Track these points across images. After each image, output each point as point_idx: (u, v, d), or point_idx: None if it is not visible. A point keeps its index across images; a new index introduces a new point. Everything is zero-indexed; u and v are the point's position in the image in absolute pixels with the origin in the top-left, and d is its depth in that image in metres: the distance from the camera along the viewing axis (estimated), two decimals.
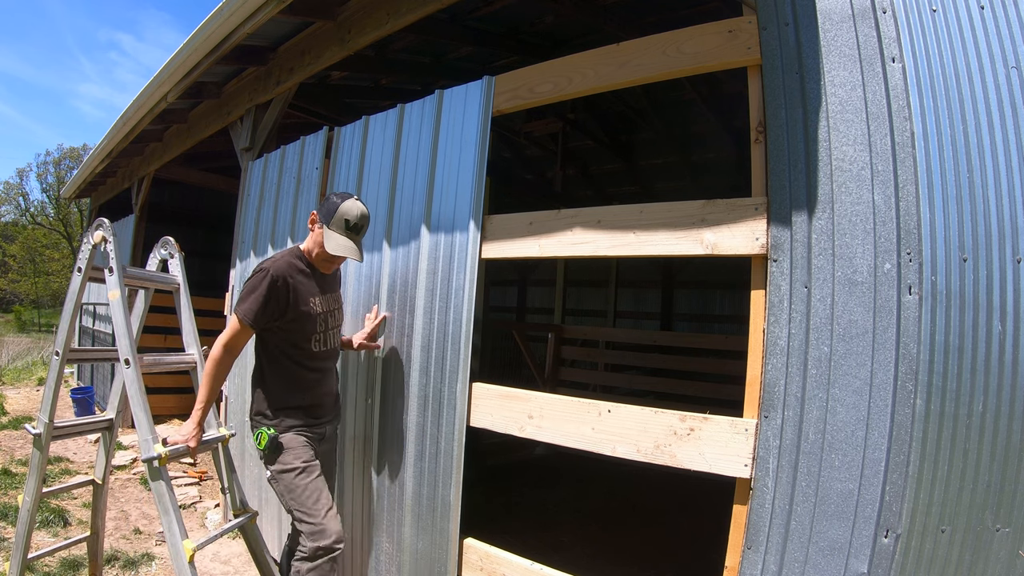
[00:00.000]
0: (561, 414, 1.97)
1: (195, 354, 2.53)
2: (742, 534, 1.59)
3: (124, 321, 2.14)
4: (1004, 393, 1.40)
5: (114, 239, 2.23)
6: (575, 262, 7.60)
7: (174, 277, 2.62)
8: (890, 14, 1.53)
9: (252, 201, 3.64)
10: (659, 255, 1.87)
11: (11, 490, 4.11)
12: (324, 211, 2.16)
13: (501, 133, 6.58)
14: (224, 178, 7.07)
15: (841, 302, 1.50)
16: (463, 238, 2.28)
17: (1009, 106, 1.49)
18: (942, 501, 1.40)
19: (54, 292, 31.42)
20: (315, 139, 3.13)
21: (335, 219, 2.13)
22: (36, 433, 2.27)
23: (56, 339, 2.28)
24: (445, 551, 2.22)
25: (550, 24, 4.17)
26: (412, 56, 4.61)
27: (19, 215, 37.29)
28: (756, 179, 1.69)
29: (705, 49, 1.81)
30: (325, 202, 2.20)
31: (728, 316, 7.32)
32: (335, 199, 2.17)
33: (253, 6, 2.91)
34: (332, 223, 2.13)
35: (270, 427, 2.13)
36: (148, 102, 4.37)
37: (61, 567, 2.97)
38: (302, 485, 2.09)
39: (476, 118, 2.31)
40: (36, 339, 19.28)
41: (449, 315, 2.29)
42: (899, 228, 1.45)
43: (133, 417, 2.05)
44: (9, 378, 9.86)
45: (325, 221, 2.14)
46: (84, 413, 6.09)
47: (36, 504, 2.32)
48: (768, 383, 1.58)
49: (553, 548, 3.57)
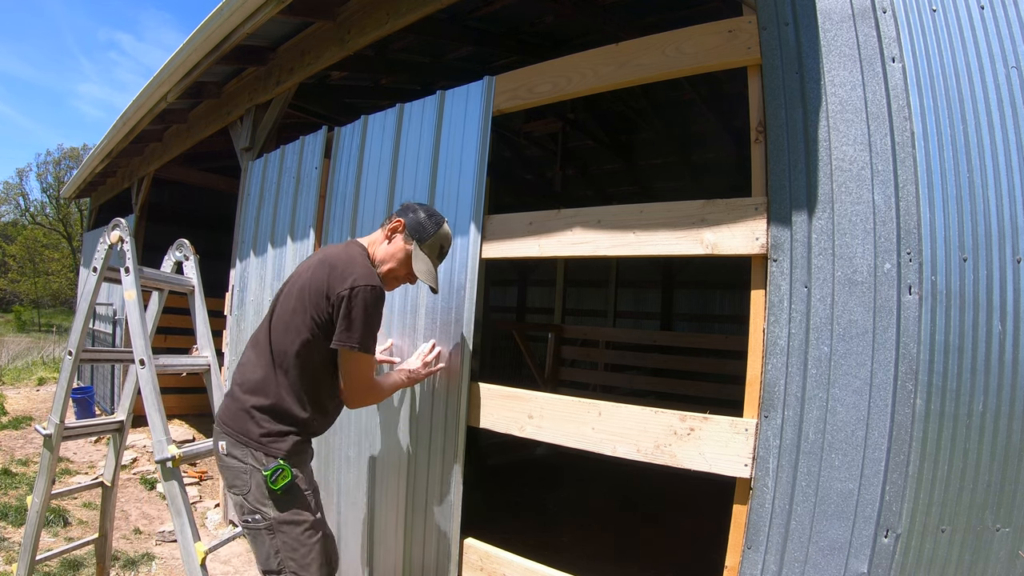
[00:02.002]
0: (561, 414, 1.97)
1: (208, 356, 2.53)
2: (742, 534, 1.59)
3: (140, 321, 2.14)
4: (1004, 393, 1.40)
5: (131, 239, 2.22)
6: (575, 262, 7.60)
7: (189, 279, 2.62)
8: (890, 14, 1.53)
9: (252, 201, 3.64)
10: (659, 255, 1.87)
11: (11, 490, 4.11)
12: (416, 226, 1.88)
13: (501, 133, 6.58)
14: (224, 178, 7.07)
15: (841, 302, 1.50)
16: (463, 238, 2.28)
17: (1009, 106, 1.49)
18: (942, 501, 1.40)
19: (54, 292, 31.44)
20: (314, 139, 3.13)
21: (431, 241, 1.88)
22: (47, 434, 2.26)
23: (69, 339, 2.27)
24: (445, 551, 2.22)
25: (550, 24, 4.17)
26: (412, 56, 4.61)
27: (19, 215, 37.30)
28: (756, 179, 1.69)
29: (705, 49, 1.81)
30: (411, 214, 1.90)
31: (728, 316, 7.32)
32: (428, 218, 1.89)
33: (253, 6, 2.91)
34: (426, 244, 1.88)
35: (287, 462, 1.73)
36: (148, 102, 4.37)
37: (61, 567, 2.98)
38: (309, 544, 1.73)
39: (477, 118, 2.32)
40: (36, 339, 19.28)
41: (450, 314, 2.29)
42: (899, 228, 1.45)
43: (147, 417, 2.05)
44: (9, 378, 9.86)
45: (417, 239, 1.87)
46: (84, 413, 6.09)
47: (45, 505, 2.31)
48: (768, 383, 1.58)
49: (553, 548, 3.57)
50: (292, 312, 1.79)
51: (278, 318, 1.84)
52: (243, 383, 1.83)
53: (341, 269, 1.76)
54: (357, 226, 2.74)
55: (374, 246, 1.94)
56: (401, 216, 1.92)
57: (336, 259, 1.81)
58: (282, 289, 1.91)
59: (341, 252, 1.86)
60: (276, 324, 1.83)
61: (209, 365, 2.52)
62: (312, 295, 1.77)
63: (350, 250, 1.87)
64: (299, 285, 1.82)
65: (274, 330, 1.83)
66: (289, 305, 1.81)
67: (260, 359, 1.83)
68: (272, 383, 1.78)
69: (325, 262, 1.81)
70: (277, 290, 1.97)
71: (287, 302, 1.83)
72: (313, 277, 1.79)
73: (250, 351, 1.89)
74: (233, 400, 1.83)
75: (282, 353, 1.79)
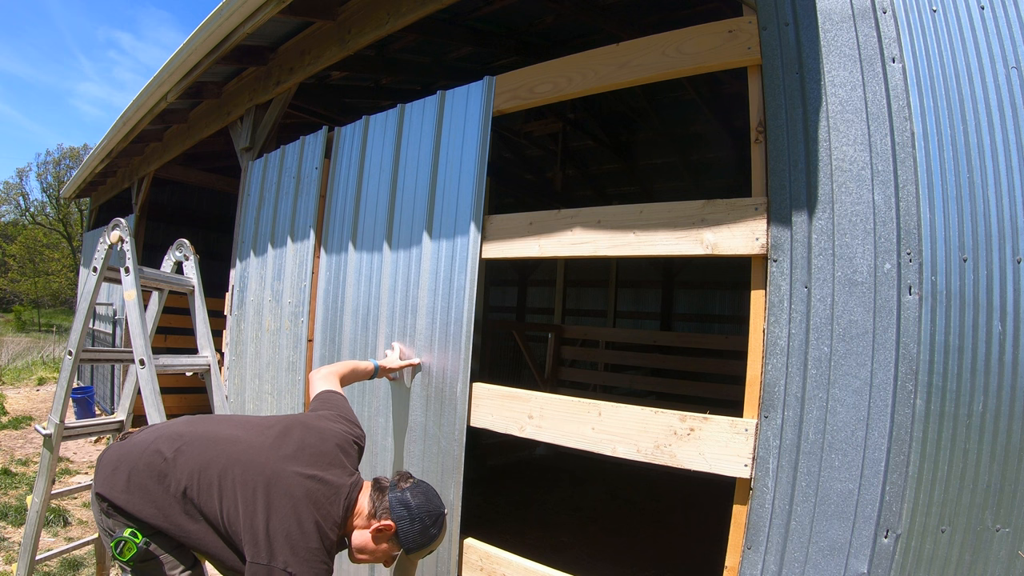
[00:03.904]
0: (561, 414, 1.97)
1: (208, 356, 2.53)
2: (742, 534, 1.59)
3: (140, 321, 2.14)
4: (1004, 393, 1.40)
5: (131, 239, 2.23)
6: (575, 262, 7.61)
7: (189, 279, 2.63)
8: (890, 14, 1.53)
9: (252, 201, 3.64)
10: (659, 255, 1.87)
11: (11, 490, 4.11)
12: (407, 540, 1.58)
13: (501, 133, 6.58)
14: (224, 178, 7.08)
15: (841, 302, 1.50)
16: (464, 238, 2.28)
17: (1009, 106, 1.49)
18: (942, 501, 1.40)
19: (54, 292, 31.45)
20: (315, 139, 3.13)
21: (419, 552, 1.63)
22: (47, 434, 2.26)
23: (69, 339, 2.27)
24: (446, 551, 2.22)
25: (550, 24, 4.17)
26: (412, 56, 4.62)
27: (19, 215, 37.30)
28: (756, 179, 1.69)
29: (705, 49, 1.81)
30: (406, 522, 1.58)
31: (728, 316, 7.33)
32: (422, 531, 1.59)
33: (253, 6, 2.91)
34: (413, 553, 1.63)
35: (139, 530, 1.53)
36: (148, 102, 4.37)
37: (61, 567, 2.98)
38: None
39: (477, 118, 2.32)
40: (36, 339, 19.28)
41: (451, 315, 2.29)
42: (899, 228, 1.45)
43: (147, 417, 2.05)
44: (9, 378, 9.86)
45: (406, 549, 1.60)
46: (84, 413, 6.09)
47: (45, 505, 2.31)
48: (768, 383, 1.58)
49: (553, 548, 3.57)
50: (218, 482, 1.50)
51: (208, 465, 1.53)
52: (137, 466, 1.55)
53: (279, 531, 1.43)
54: (358, 227, 2.75)
55: (357, 515, 1.60)
56: (393, 518, 1.58)
57: (290, 500, 1.48)
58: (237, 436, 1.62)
59: (308, 490, 1.51)
60: (204, 472, 1.52)
61: (209, 365, 2.52)
62: (228, 516, 1.48)
63: (323, 509, 1.50)
64: (241, 472, 1.51)
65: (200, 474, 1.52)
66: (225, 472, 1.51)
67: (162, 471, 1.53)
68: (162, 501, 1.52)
69: (278, 488, 1.49)
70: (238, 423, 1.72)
71: (231, 468, 1.52)
72: (245, 491, 1.48)
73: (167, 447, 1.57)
74: (129, 452, 1.58)
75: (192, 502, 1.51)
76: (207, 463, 1.54)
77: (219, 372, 2.59)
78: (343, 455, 1.67)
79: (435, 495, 1.67)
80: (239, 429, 1.67)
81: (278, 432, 1.65)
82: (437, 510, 1.64)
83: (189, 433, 1.63)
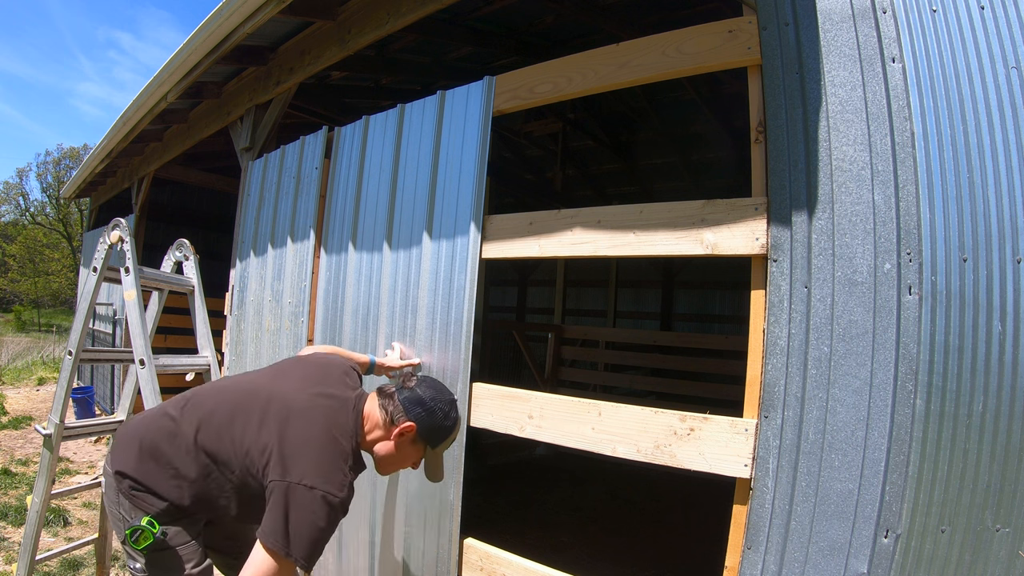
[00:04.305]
0: (561, 414, 1.97)
1: (208, 357, 2.53)
2: (742, 534, 1.59)
3: (140, 321, 2.14)
4: (1004, 393, 1.40)
5: (131, 239, 2.23)
6: (575, 262, 7.60)
7: (189, 279, 2.63)
8: (890, 14, 1.53)
9: (252, 201, 3.64)
10: (659, 255, 1.87)
11: (11, 490, 4.11)
12: (429, 432, 1.61)
13: (501, 133, 6.58)
14: (224, 178, 7.08)
15: (841, 302, 1.50)
16: (464, 238, 2.28)
17: (1009, 106, 1.49)
18: (942, 501, 1.40)
19: (54, 292, 31.45)
20: (315, 139, 3.13)
21: (446, 442, 1.67)
22: (47, 434, 2.27)
23: (69, 339, 2.28)
24: (446, 551, 2.22)
25: (550, 24, 4.18)
26: (412, 56, 4.62)
27: (19, 215, 37.32)
28: (756, 179, 1.69)
29: (705, 49, 1.81)
30: (423, 414, 1.61)
31: (728, 316, 7.33)
32: (444, 418, 1.63)
33: (253, 6, 2.91)
34: (441, 446, 1.67)
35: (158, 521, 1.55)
36: (148, 102, 4.37)
37: (61, 567, 2.98)
38: None
39: (477, 118, 2.32)
40: (36, 339, 19.28)
41: (451, 315, 2.30)
42: (899, 228, 1.45)
43: None
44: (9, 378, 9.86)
45: (432, 444, 1.63)
46: (84, 413, 6.09)
47: (45, 505, 2.31)
48: (768, 383, 1.58)
49: (553, 548, 3.58)
50: (231, 420, 1.54)
51: (226, 410, 1.57)
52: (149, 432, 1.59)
53: (292, 445, 1.46)
54: (358, 227, 2.75)
55: (372, 426, 1.63)
56: (411, 418, 1.60)
57: (300, 416, 1.52)
58: (251, 378, 1.71)
59: (315, 405, 1.56)
60: (221, 416, 1.56)
61: (209, 365, 2.52)
62: (241, 448, 1.51)
63: (332, 418, 1.54)
64: (256, 401, 1.57)
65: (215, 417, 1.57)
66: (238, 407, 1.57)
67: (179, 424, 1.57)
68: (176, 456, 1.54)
69: (284, 409, 1.53)
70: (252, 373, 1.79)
71: (245, 402, 1.57)
72: (255, 429, 1.51)
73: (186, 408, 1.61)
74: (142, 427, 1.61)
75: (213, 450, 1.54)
76: (214, 408, 1.60)
77: (219, 372, 2.59)
78: (345, 376, 1.75)
79: (441, 384, 1.74)
80: (243, 379, 1.77)
81: (279, 369, 1.76)
82: (449, 396, 1.71)
83: (194, 393, 1.69)
